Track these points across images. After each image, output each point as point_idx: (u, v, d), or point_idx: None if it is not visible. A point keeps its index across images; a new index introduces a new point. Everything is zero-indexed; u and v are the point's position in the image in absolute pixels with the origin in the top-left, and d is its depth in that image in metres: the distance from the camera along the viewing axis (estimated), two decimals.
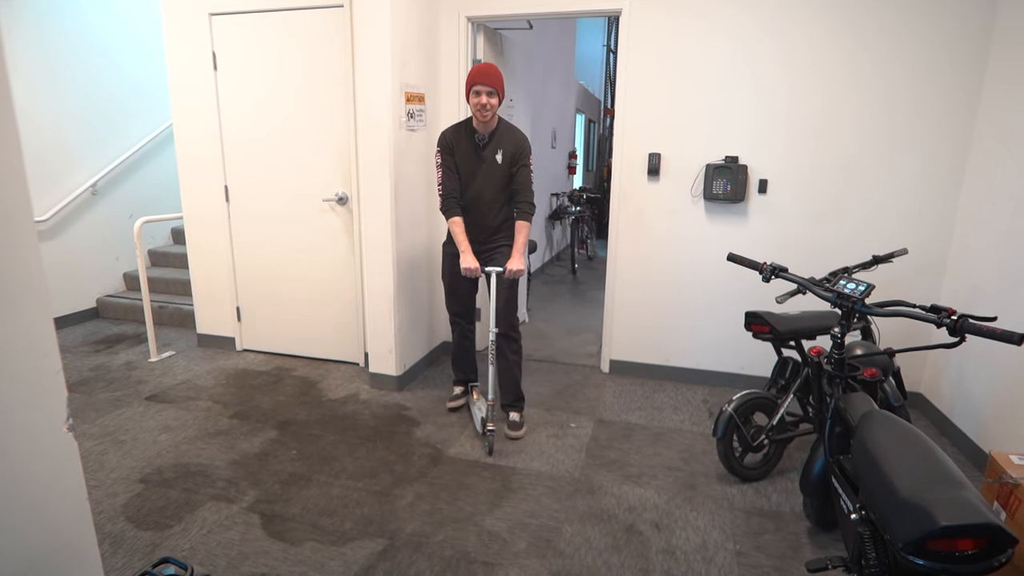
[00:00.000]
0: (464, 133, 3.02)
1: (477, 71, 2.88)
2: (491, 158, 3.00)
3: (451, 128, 3.08)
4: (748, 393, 2.67)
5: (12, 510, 1.14)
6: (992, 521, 1.25)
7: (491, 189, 3.03)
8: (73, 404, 3.43)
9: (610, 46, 11.22)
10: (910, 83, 3.19)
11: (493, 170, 3.02)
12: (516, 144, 3.01)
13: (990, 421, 2.82)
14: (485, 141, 2.99)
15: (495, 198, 3.06)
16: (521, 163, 3.00)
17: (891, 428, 1.63)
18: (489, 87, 2.84)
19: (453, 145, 3.01)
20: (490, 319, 2.97)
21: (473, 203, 3.06)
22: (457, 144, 3.01)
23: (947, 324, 1.68)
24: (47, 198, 4.56)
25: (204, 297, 4.32)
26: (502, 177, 3.02)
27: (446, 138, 3.03)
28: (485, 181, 3.02)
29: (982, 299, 2.97)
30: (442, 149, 3.02)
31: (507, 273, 2.93)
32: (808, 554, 2.24)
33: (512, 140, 3.01)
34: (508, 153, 3.00)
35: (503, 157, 3.00)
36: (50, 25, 4.45)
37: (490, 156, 3.00)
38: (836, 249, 3.44)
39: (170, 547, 2.21)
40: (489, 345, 2.98)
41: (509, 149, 3.00)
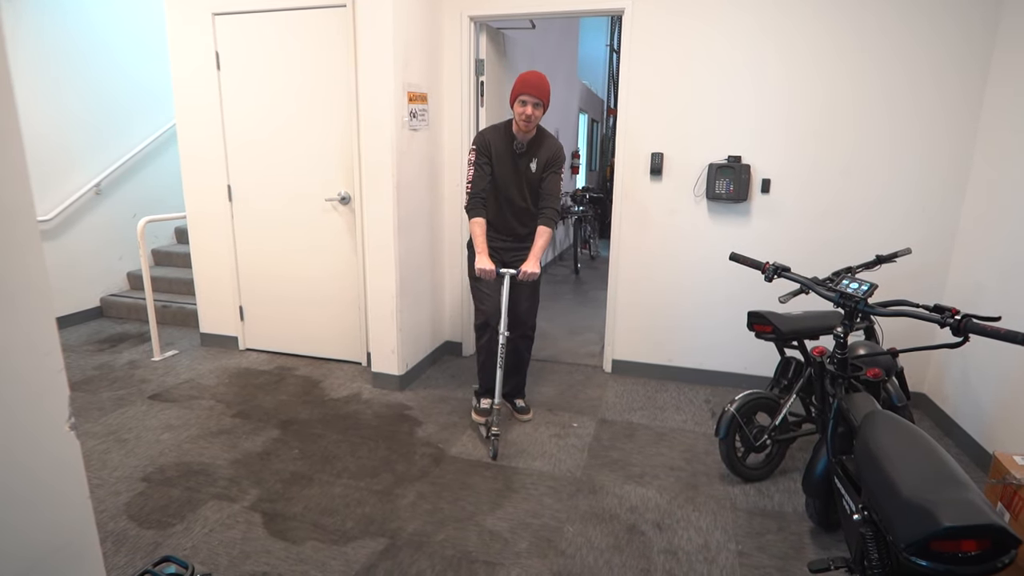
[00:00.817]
0: (503, 137, 2.96)
1: (526, 81, 2.80)
2: (526, 166, 2.96)
3: (490, 129, 3.02)
4: (750, 393, 2.67)
5: (14, 508, 1.14)
6: (996, 522, 1.24)
7: (522, 197, 3.02)
8: (76, 403, 3.45)
9: (613, 46, 11.21)
10: (913, 82, 3.18)
11: (527, 178, 2.99)
12: (552, 152, 2.97)
13: (994, 422, 2.81)
14: (523, 149, 2.94)
15: (527, 206, 3.04)
16: (552, 170, 2.97)
17: (894, 428, 1.63)
18: (536, 99, 2.78)
19: (491, 147, 2.95)
20: (501, 322, 2.91)
21: (504, 209, 3.04)
22: (495, 147, 2.95)
23: (951, 324, 1.67)
24: (51, 198, 4.57)
25: (207, 296, 4.33)
26: (534, 185, 3.00)
27: (484, 139, 2.97)
28: (518, 188, 3.00)
29: (986, 299, 2.95)
30: (478, 149, 2.96)
31: (521, 275, 2.89)
32: (810, 554, 2.24)
33: (549, 148, 2.97)
34: (543, 161, 2.97)
35: (537, 165, 2.97)
36: (53, 25, 4.46)
37: (525, 164, 2.96)
38: (839, 248, 3.43)
39: (172, 546, 2.21)
40: (499, 349, 2.93)
41: (544, 157, 2.97)
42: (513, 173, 2.98)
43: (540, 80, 2.81)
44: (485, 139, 2.97)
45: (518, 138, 2.93)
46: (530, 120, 2.82)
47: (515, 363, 3.23)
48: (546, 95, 2.82)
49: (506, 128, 2.97)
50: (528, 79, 2.80)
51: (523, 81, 2.79)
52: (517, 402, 3.33)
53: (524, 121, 2.82)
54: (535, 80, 2.79)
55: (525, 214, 3.06)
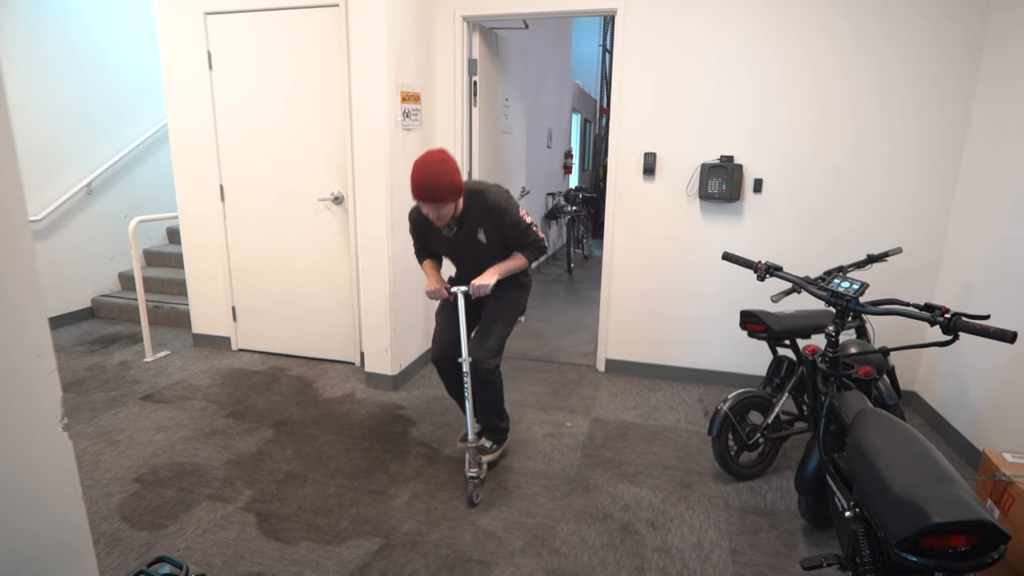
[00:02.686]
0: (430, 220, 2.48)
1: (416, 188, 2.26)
2: (472, 240, 2.54)
3: (417, 210, 2.56)
4: (743, 392, 2.68)
5: (7, 509, 1.14)
6: (985, 518, 1.26)
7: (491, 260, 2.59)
8: (68, 404, 3.43)
9: (606, 46, 11.24)
10: (904, 83, 3.20)
11: (480, 250, 2.56)
12: (493, 214, 2.46)
13: (984, 419, 2.84)
14: (455, 230, 2.51)
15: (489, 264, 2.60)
16: (512, 227, 2.50)
17: (885, 426, 1.64)
18: (435, 204, 2.30)
19: (424, 228, 2.60)
20: (462, 347, 2.56)
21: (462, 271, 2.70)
22: (425, 226, 2.58)
23: (940, 322, 1.69)
24: (41, 197, 4.54)
25: (199, 297, 4.31)
26: (495, 248, 2.57)
27: (414, 221, 2.61)
28: (476, 259, 2.60)
29: (976, 297, 2.98)
30: (412, 224, 2.63)
31: (472, 290, 2.48)
32: (803, 552, 2.25)
33: (486, 214, 2.47)
34: (489, 227, 2.50)
35: (486, 234, 2.52)
36: (44, 23, 4.43)
37: (470, 239, 2.53)
38: (831, 248, 3.46)
39: (166, 546, 2.20)
40: (463, 377, 2.57)
41: (487, 223, 2.49)
42: (461, 247, 2.59)
43: (433, 184, 2.25)
44: (413, 220, 2.60)
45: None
46: (441, 220, 2.40)
47: (479, 395, 2.69)
48: (446, 193, 2.28)
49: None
50: (417, 185, 2.26)
51: (413, 189, 2.29)
52: (483, 441, 2.80)
53: (436, 220, 2.40)
54: (427, 186, 2.25)
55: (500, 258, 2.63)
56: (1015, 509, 1.95)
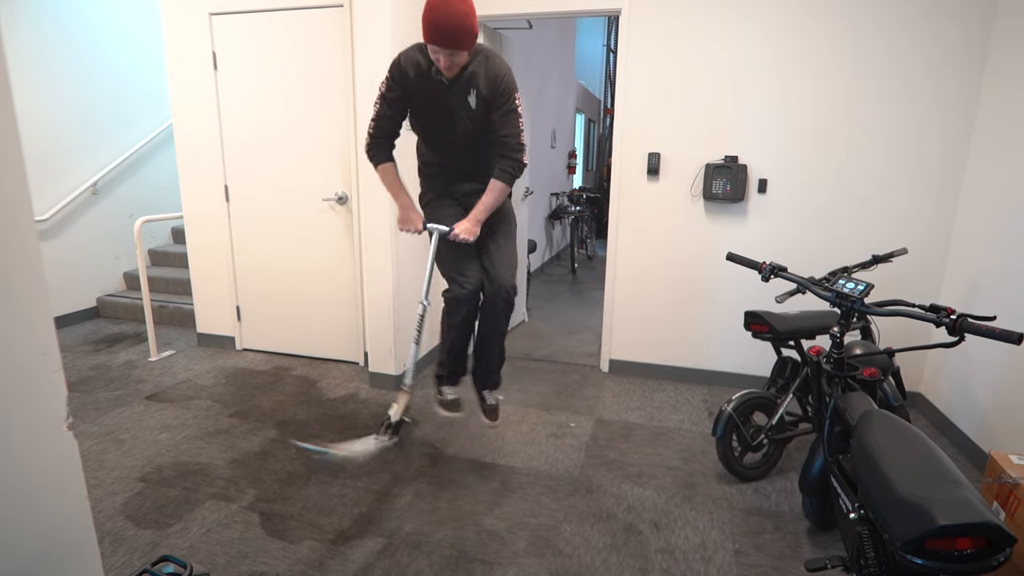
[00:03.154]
0: (424, 60, 2.20)
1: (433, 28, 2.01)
2: (461, 101, 2.24)
3: (410, 49, 2.24)
4: (747, 393, 2.68)
5: (12, 507, 1.14)
6: (990, 520, 1.25)
7: (470, 147, 2.36)
8: (73, 403, 3.42)
9: (610, 46, 11.23)
10: (908, 83, 3.19)
11: (466, 117, 2.27)
12: (493, 79, 2.21)
13: (990, 421, 2.82)
14: (446, 84, 2.22)
15: (476, 157, 2.38)
16: (504, 106, 2.23)
17: (890, 427, 1.64)
18: (450, 50, 2.07)
19: (408, 79, 2.23)
20: (423, 287, 2.38)
21: (443, 164, 2.42)
22: (415, 72, 2.21)
23: (946, 323, 1.68)
24: (47, 197, 4.56)
25: (204, 296, 4.32)
26: (479, 126, 2.29)
27: (400, 68, 2.23)
28: (456, 135, 2.32)
29: (981, 298, 2.97)
30: (392, 79, 2.25)
31: (452, 235, 2.30)
32: (807, 554, 2.24)
33: (488, 75, 2.21)
34: (484, 93, 2.23)
35: (477, 99, 2.23)
36: (50, 24, 4.45)
37: (459, 99, 2.24)
38: (835, 248, 3.45)
39: (170, 546, 2.21)
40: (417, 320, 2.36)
41: (484, 88, 2.22)
42: (444, 112, 2.27)
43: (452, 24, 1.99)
44: (401, 68, 2.23)
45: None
46: (450, 69, 2.15)
47: (488, 334, 2.49)
48: (465, 40, 2.05)
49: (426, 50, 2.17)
50: (433, 24, 2.00)
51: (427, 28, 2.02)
52: (486, 396, 2.65)
53: (445, 69, 2.15)
54: (446, 26, 2.00)
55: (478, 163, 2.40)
56: (1021, 511, 1.94)
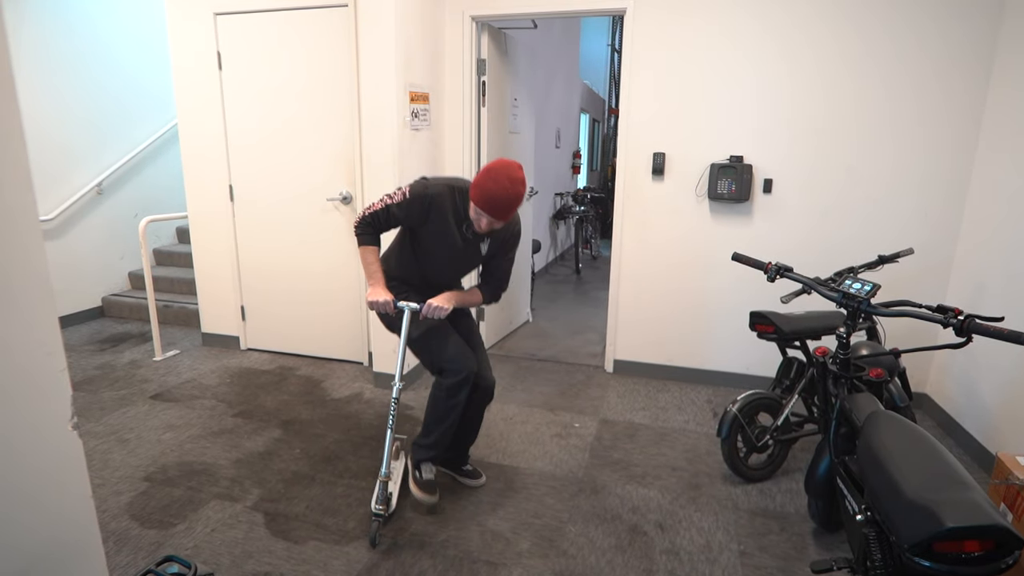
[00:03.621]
0: (455, 209, 2.28)
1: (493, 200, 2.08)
2: (475, 245, 2.37)
3: (442, 191, 2.26)
4: (752, 393, 2.67)
5: (17, 506, 1.14)
6: (999, 523, 1.24)
7: (460, 273, 2.51)
8: (78, 402, 3.45)
9: (614, 45, 11.22)
10: (915, 82, 3.17)
11: (472, 258, 2.41)
12: (507, 234, 2.37)
13: (997, 422, 2.80)
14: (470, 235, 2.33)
15: (457, 280, 2.57)
16: (509, 253, 2.42)
17: (897, 429, 1.62)
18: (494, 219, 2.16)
19: (431, 213, 2.27)
20: (396, 370, 2.33)
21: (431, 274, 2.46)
22: (439, 215, 2.27)
23: (954, 324, 1.67)
24: (52, 197, 4.57)
25: (208, 296, 4.33)
26: (477, 263, 2.47)
27: (427, 200, 2.24)
28: (457, 265, 2.44)
29: (988, 299, 2.95)
30: (413, 203, 2.25)
31: (425, 309, 2.28)
32: (813, 555, 2.23)
33: (505, 230, 2.36)
34: (496, 243, 2.38)
35: (490, 247, 2.39)
36: (55, 25, 4.46)
37: (474, 243, 2.36)
38: (841, 249, 3.43)
39: (174, 545, 2.21)
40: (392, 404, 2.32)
41: (498, 239, 2.37)
42: (452, 249, 2.35)
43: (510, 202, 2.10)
44: (429, 200, 2.25)
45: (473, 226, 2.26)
46: (485, 230, 2.23)
47: (471, 423, 2.57)
48: (512, 214, 2.17)
49: (462, 200, 2.27)
50: (495, 198, 2.08)
51: (487, 197, 2.08)
52: (462, 467, 2.68)
53: (478, 228, 2.23)
54: (504, 203, 2.09)
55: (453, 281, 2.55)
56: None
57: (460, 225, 2.29)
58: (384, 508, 2.26)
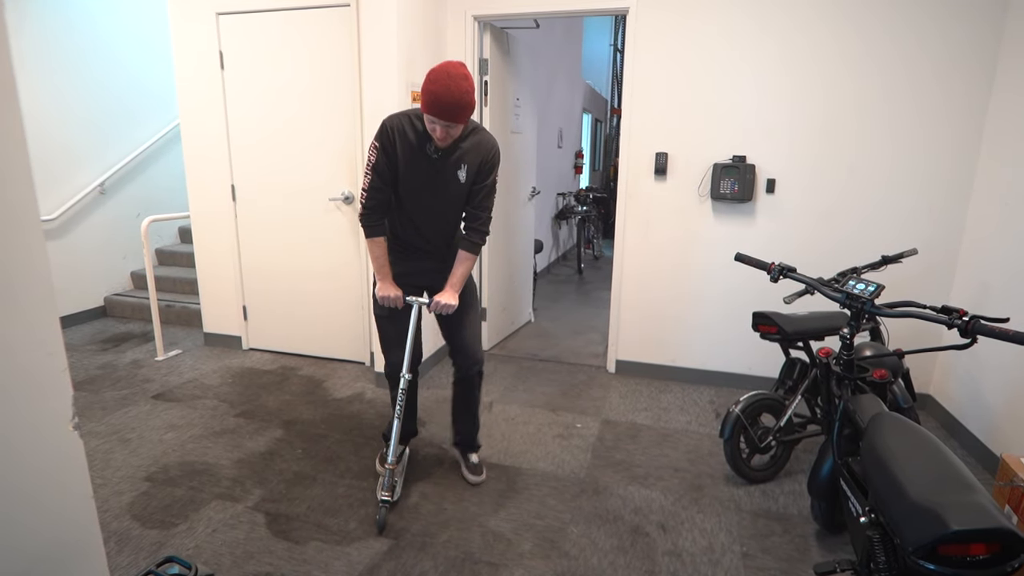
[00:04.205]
0: (416, 133, 2.22)
1: (436, 100, 2.03)
2: (449, 173, 2.27)
3: (400, 119, 2.24)
4: (755, 394, 2.66)
5: (18, 507, 1.14)
6: (1005, 526, 1.23)
7: (447, 214, 2.38)
8: (79, 402, 3.45)
9: (617, 45, 11.21)
10: (918, 81, 3.16)
11: (451, 190, 2.30)
12: (483, 155, 2.29)
13: (1001, 423, 2.79)
14: (439, 154, 2.25)
15: (452, 226, 2.43)
16: (486, 180, 2.32)
17: (901, 430, 1.62)
18: (447, 123, 2.10)
19: (398, 144, 2.23)
20: (404, 360, 2.40)
21: (418, 228, 2.38)
22: (403, 145, 2.23)
23: (958, 325, 1.66)
24: (55, 197, 4.58)
25: (211, 296, 4.33)
26: (460, 198, 2.35)
27: (388, 132, 2.22)
28: (437, 203, 2.33)
29: (993, 299, 2.94)
30: (382, 143, 2.23)
31: (433, 307, 2.34)
32: (816, 557, 2.22)
33: (479, 151, 2.28)
34: (473, 167, 2.29)
35: (467, 173, 2.29)
36: (56, 25, 4.47)
37: (448, 171, 2.27)
38: (844, 249, 3.42)
39: (175, 546, 2.21)
40: (399, 394, 2.42)
41: (474, 162, 2.28)
42: (430, 181, 2.28)
43: (455, 99, 2.04)
44: (389, 133, 2.22)
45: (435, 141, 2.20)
46: (444, 140, 2.17)
47: (465, 404, 2.64)
48: (464, 115, 2.10)
49: (420, 120, 2.21)
50: (437, 97, 2.03)
51: (430, 100, 2.04)
52: (470, 457, 2.70)
53: (438, 140, 2.17)
54: (448, 100, 2.03)
55: (450, 232, 2.45)
56: None
57: (424, 147, 2.23)
58: (390, 494, 2.37)
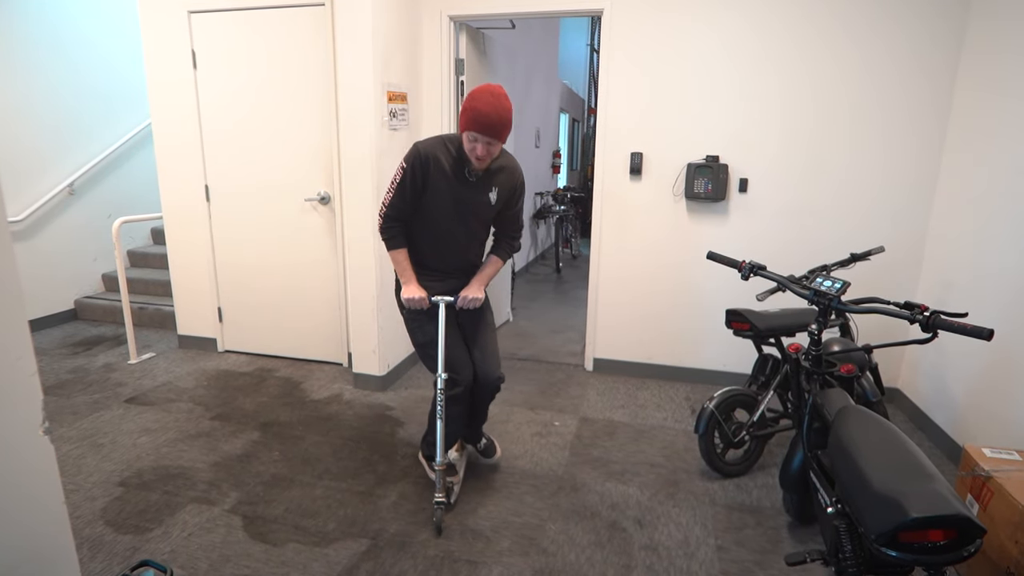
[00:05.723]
0: (450, 158, 2.29)
1: (480, 118, 2.10)
2: (482, 196, 2.36)
3: (434, 144, 2.30)
4: (729, 390, 2.71)
5: None
6: (961, 512, 1.28)
7: (473, 231, 2.45)
8: (50, 407, 3.39)
9: (594, 45, 11.26)
10: (884, 86, 3.24)
11: (482, 211, 2.39)
12: (513, 180, 2.42)
13: (965, 415, 2.88)
14: (478, 176, 2.32)
15: (474, 242, 2.50)
16: (518, 203, 2.48)
17: (865, 423, 1.67)
18: (491, 140, 2.16)
19: (430, 168, 2.27)
20: (439, 361, 2.35)
21: (444, 244, 2.44)
22: (437, 170, 2.28)
23: (919, 320, 1.72)
24: (22, 198, 4.48)
25: (185, 298, 4.27)
26: (489, 219, 2.47)
27: (422, 156, 2.26)
28: (468, 222, 2.40)
29: (956, 295, 3.02)
30: (412, 168, 2.27)
31: (460, 301, 2.38)
32: (788, 548, 2.28)
33: (509, 176, 2.40)
34: (504, 192, 2.40)
35: (498, 197, 2.39)
36: (24, 21, 4.37)
37: (481, 194, 2.36)
38: (815, 247, 3.49)
39: (150, 550, 2.19)
40: (437, 395, 2.36)
41: (506, 186, 2.40)
42: (465, 203, 2.35)
43: (500, 117, 2.12)
44: (424, 157, 2.26)
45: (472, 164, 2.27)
46: (483, 160, 2.22)
47: (479, 413, 2.68)
48: (506, 133, 2.18)
49: (457, 146, 2.29)
50: (483, 114, 2.10)
51: (476, 117, 2.11)
52: (479, 444, 2.80)
53: (476, 160, 2.22)
54: (494, 118, 2.11)
55: (473, 247, 2.51)
56: (993, 503, 1.98)
57: (461, 171, 2.30)
58: (443, 496, 2.37)
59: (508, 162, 2.42)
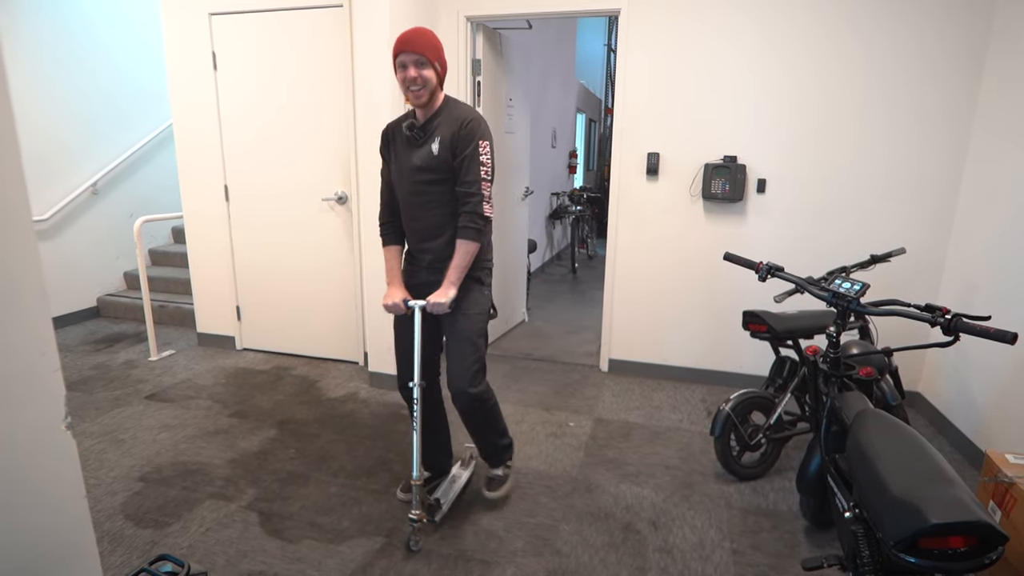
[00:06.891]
0: (401, 123, 2.20)
1: (400, 37, 2.04)
2: (425, 149, 2.12)
3: (398, 119, 2.25)
4: (746, 392, 2.68)
5: (10, 507, 1.15)
6: (982, 519, 1.26)
7: (428, 197, 2.17)
8: (72, 403, 3.45)
9: (611, 45, 11.22)
10: (907, 83, 3.19)
11: (429, 166, 2.13)
12: (457, 122, 2.10)
13: (987, 420, 2.83)
14: (417, 128, 2.14)
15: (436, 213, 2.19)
16: (466, 150, 2.09)
17: (884, 426, 1.64)
18: (416, 55, 2.02)
19: (392, 142, 2.21)
20: (415, 368, 2.21)
21: (412, 221, 2.25)
22: (398, 140, 2.20)
23: (941, 323, 1.69)
24: (47, 197, 4.57)
25: (204, 296, 4.33)
26: (439, 175, 2.13)
27: (386, 133, 2.24)
28: (417, 187, 2.17)
29: (979, 298, 2.97)
30: (381, 146, 2.26)
31: (429, 307, 2.16)
32: (804, 552, 2.25)
33: (451, 122, 2.11)
34: (447, 139, 2.10)
35: (440, 145, 2.10)
36: (49, 24, 4.46)
37: (424, 147, 2.13)
38: (834, 248, 3.45)
39: (169, 545, 2.22)
40: (414, 404, 2.22)
41: (447, 133, 2.10)
42: (408, 168, 2.17)
43: (416, 33, 2.04)
44: (386, 131, 2.24)
45: (417, 117, 2.14)
46: (415, 83, 2.04)
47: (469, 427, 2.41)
48: (430, 48, 2.04)
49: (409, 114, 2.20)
50: (401, 36, 2.05)
51: (397, 40, 2.05)
52: (491, 471, 2.53)
53: (410, 91, 2.06)
54: (410, 32, 2.04)
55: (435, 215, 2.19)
56: (1017, 510, 1.95)
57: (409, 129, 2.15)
58: (417, 514, 2.17)
59: (454, 110, 2.14)
